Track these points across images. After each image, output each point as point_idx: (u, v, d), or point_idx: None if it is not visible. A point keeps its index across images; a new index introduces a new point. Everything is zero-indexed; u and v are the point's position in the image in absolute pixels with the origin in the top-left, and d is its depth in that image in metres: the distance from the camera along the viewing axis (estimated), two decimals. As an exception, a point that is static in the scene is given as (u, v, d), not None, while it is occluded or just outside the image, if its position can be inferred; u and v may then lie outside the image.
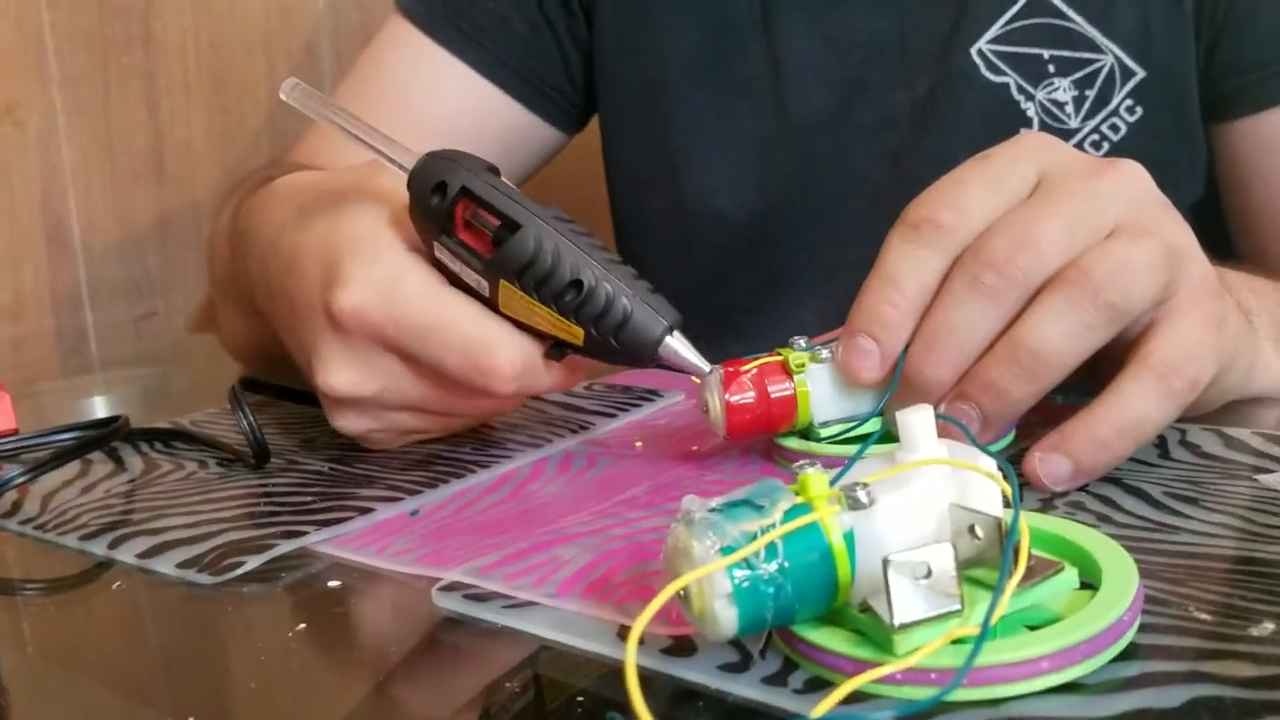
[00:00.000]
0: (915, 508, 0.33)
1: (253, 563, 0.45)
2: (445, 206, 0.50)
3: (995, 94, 0.78)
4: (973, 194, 0.47)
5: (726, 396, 0.48)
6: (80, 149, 1.01)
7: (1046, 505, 0.44)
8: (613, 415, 0.60)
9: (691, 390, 0.61)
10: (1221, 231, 0.82)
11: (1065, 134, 0.78)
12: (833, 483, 0.33)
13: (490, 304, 0.50)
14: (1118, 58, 0.77)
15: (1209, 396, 0.49)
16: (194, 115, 1.07)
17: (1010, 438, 0.50)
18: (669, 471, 0.51)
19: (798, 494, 0.33)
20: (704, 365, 0.48)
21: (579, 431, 0.58)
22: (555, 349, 0.50)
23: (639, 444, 0.56)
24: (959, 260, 0.47)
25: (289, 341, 0.57)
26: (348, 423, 0.54)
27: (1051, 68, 0.78)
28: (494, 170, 0.51)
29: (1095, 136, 0.78)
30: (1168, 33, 0.77)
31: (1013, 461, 0.45)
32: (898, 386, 0.47)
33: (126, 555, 0.47)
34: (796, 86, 0.83)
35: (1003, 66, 0.78)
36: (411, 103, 0.87)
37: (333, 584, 0.43)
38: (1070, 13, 0.77)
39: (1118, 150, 0.77)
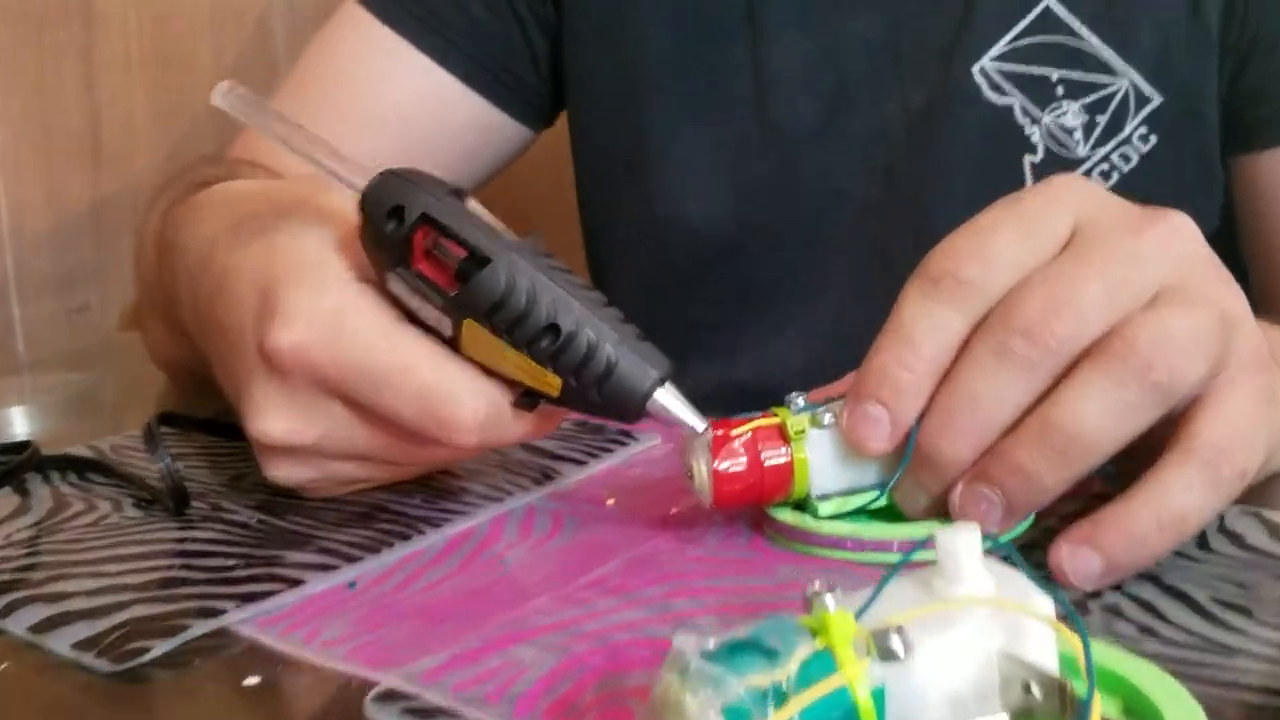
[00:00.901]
0: (958, 655, 0.27)
1: (161, 648, 0.39)
2: (402, 233, 0.44)
3: (997, 116, 0.73)
4: (1002, 245, 0.42)
5: (715, 464, 0.42)
6: (11, 127, 0.94)
7: (1080, 608, 0.39)
8: (582, 462, 0.54)
9: (669, 435, 0.55)
10: (1233, 266, 0.77)
11: (1072, 163, 0.73)
12: (858, 615, 0.28)
13: (452, 344, 0.44)
14: (1133, 82, 0.72)
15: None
16: (135, 94, 1.00)
17: (1029, 520, 0.44)
18: (645, 543, 0.45)
19: (814, 633, 0.27)
20: (699, 422, 0.42)
21: (543, 482, 0.52)
22: (526, 398, 0.44)
23: (611, 501, 0.50)
24: (985, 322, 0.41)
25: (218, 372, 0.51)
26: (283, 473, 0.48)
27: (1060, 90, 0.73)
28: (459, 194, 0.45)
29: (1105, 166, 0.73)
30: (1189, 55, 0.71)
31: (1035, 549, 0.40)
32: (910, 461, 0.42)
33: (18, 626, 0.41)
34: (781, 90, 0.77)
35: (1007, 87, 0.73)
36: (364, 94, 0.80)
37: (251, 680, 0.37)
38: (1083, 31, 0.72)
39: (1128, 182, 0.72)
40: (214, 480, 0.54)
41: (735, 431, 0.43)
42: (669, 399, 0.42)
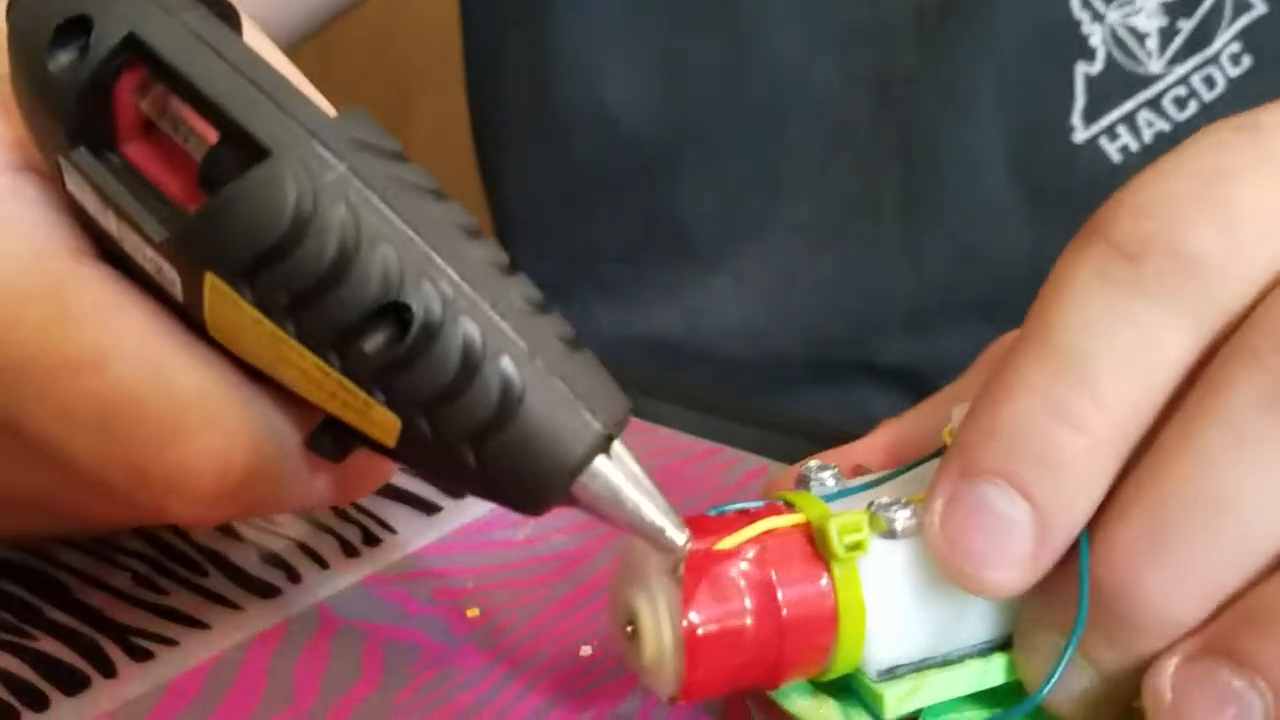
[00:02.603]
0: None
1: None
2: (86, 75, 0.21)
3: (1047, 9, 0.53)
4: (1251, 205, 0.22)
5: (691, 616, 0.21)
6: None
7: None
8: (431, 506, 0.32)
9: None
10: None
11: (1139, 81, 0.53)
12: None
13: (187, 315, 0.22)
14: None
15: None
16: None
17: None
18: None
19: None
20: (676, 529, 0.21)
21: (356, 551, 0.30)
22: (330, 435, 0.22)
23: (473, 613, 0.28)
24: (1234, 344, 0.21)
25: None
26: None
27: None
28: (225, 12, 0.23)
29: (1181, 90, 0.54)
30: None
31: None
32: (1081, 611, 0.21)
33: None
34: None
35: None
36: None
37: None
38: None
39: (1208, 115, 0.53)
40: None
41: (726, 543, 0.21)
42: (618, 475, 0.21)
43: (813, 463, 0.24)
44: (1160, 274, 0.21)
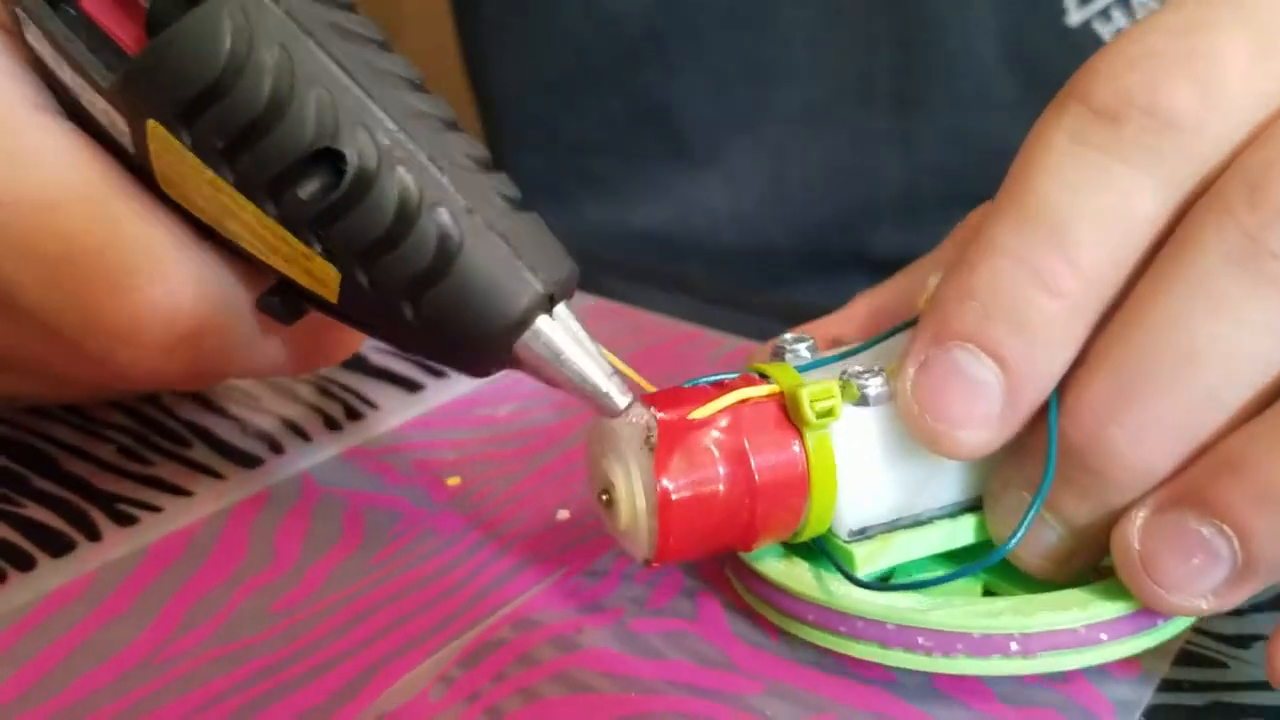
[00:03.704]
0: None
1: None
2: None
3: None
4: (1229, 64, 0.21)
5: (665, 481, 0.21)
6: None
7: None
8: (410, 387, 0.33)
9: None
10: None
11: None
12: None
13: (140, 171, 0.22)
14: None
15: None
16: None
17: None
18: (504, 592, 0.24)
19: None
20: (619, 392, 0.21)
21: (339, 426, 0.31)
22: (277, 298, 0.23)
23: (454, 481, 0.28)
24: (1208, 202, 0.21)
25: None
26: None
27: None
28: None
29: None
30: None
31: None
32: (1050, 468, 0.21)
33: None
34: None
35: None
36: None
37: None
38: None
39: None
40: None
41: (699, 413, 0.22)
42: (560, 336, 0.21)
43: (788, 335, 0.24)
44: (1138, 135, 0.21)
